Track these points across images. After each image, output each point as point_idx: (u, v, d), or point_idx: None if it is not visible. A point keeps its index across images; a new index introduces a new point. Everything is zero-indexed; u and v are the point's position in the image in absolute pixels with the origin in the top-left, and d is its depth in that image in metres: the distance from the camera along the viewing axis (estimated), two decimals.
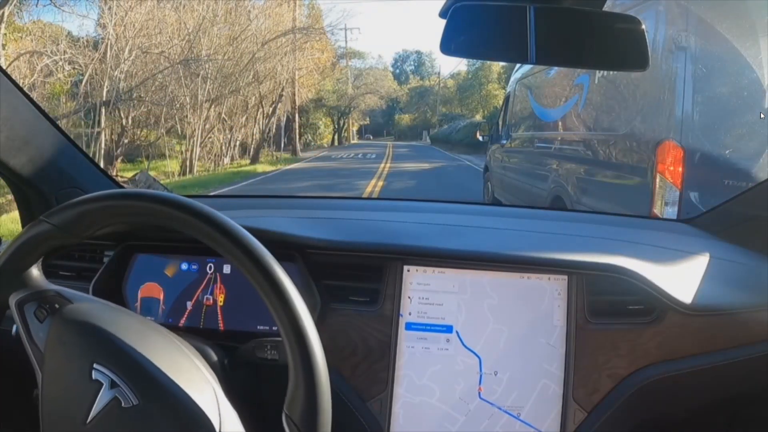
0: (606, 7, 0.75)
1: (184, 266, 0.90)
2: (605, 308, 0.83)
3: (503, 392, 0.82)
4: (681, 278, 0.84)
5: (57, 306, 0.58)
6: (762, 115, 2.39)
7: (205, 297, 0.89)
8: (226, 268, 0.89)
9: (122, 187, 1.41)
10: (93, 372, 0.54)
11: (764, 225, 0.92)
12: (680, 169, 2.44)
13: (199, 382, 0.57)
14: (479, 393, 0.82)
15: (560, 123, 3.90)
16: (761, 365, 0.80)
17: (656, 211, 2.50)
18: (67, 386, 0.55)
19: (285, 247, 0.85)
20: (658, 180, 2.50)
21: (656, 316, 0.82)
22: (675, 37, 2.48)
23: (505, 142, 5.40)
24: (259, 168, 15.02)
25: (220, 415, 0.55)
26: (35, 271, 0.61)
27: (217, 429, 0.54)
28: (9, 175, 0.90)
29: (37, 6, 10.88)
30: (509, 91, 5.49)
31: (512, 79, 5.48)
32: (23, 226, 0.78)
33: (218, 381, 0.60)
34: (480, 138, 6.78)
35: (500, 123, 5.79)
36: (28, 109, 0.87)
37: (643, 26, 0.72)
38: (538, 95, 4.49)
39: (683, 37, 2.45)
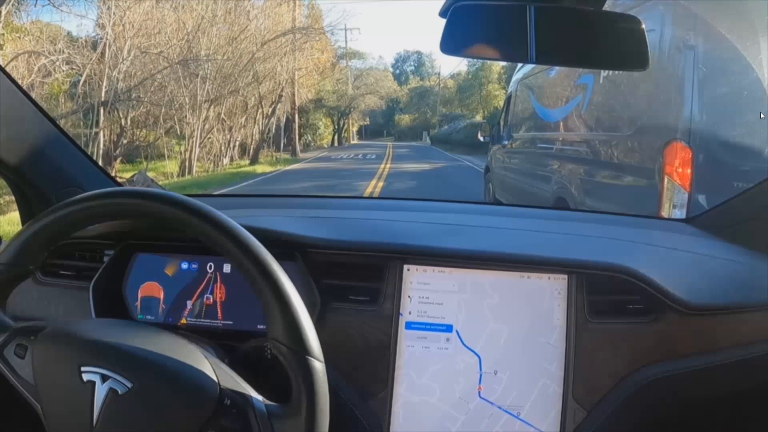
0: (609, 7, 0.75)
1: (185, 265, 0.90)
2: (605, 308, 0.83)
3: (503, 391, 0.82)
4: (681, 278, 0.84)
5: (32, 337, 0.59)
6: (762, 115, 2.35)
7: (205, 296, 0.89)
8: (227, 268, 0.89)
9: (121, 185, 1.41)
10: (83, 375, 0.55)
11: (764, 225, 0.92)
12: (689, 170, 2.37)
13: (186, 349, 0.59)
14: (479, 392, 0.82)
15: (563, 123, 3.85)
16: (761, 365, 0.80)
17: (664, 213, 2.43)
18: (65, 400, 0.56)
19: (285, 246, 0.85)
20: (666, 182, 2.43)
21: (656, 316, 0.82)
22: (682, 36, 2.43)
23: (506, 142, 5.36)
24: (259, 169, 15.01)
25: (216, 374, 0.57)
26: None
27: (216, 383, 0.56)
28: (9, 174, 0.90)
29: (35, 6, 10.87)
30: (511, 91, 5.46)
31: (513, 79, 5.45)
32: (23, 225, 0.78)
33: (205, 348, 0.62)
34: (481, 139, 6.76)
35: (501, 123, 5.75)
36: (28, 109, 0.87)
37: (643, 26, 0.72)
38: (540, 95, 4.45)
39: (691, 36, 2.40)
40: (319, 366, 0.55)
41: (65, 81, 11.84)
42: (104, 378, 0.54)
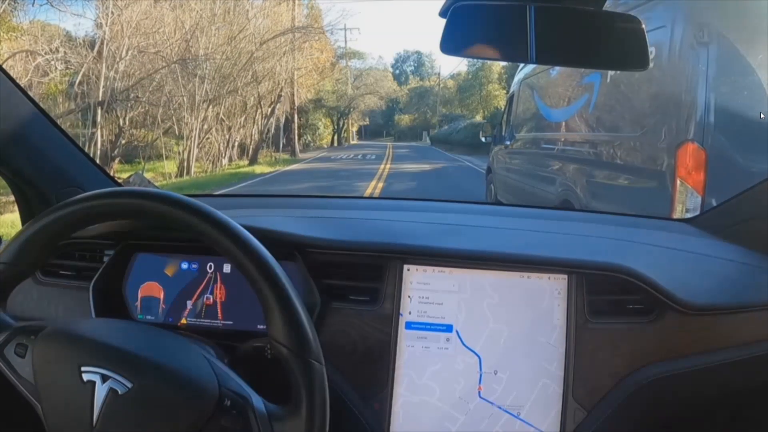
0: (612, 7, 0.75)
1: (185, 265, 0.90)
2: (605, 307, 0.83)
3: (503, 391, 0.82)
4: (681, 277, 0.84)
5: (33, 337, 0.60)
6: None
7: (205, 296, 0.89)
8: (227, 268, 0.89)
9: (120, 185, 1.41)
10: (83, 375, 0.55)
11: (764, 225, 0.92)
12: (702, 173, 2.27)
13: (186, 349, 0.59)
14: (479, 392, 0.82)
15: (569, 124, 3.74)
16: (761, 365, 0.80)
17: (676, 217, 2.31)
18: (65, 400, 0.56)
19: (285, 246, 0.85)
20: (678, 185, 2.34)
21: (656, 316, 0.82)
22: (696, 33, 2.34)
23: (509, 143, 5.27)
24: (258, 169, 14.99)
25: (216, 374, 0.57)
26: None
27: (216, 383, 0.56)
28: (9, 174, 0.90)
29: (33, 5, 10.85)
30: (513, 90, 5.37)
31: (516, 78, 5.34)
32: (23, 225, 0.78)
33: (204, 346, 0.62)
34: (483, 139, 6.70)
35: (503, 123, 5.66)
36: (28, 109, 0.87)
37: (644, 26, 0.72)
38: (544, 95, 4.35)
39: (705, 33, 2.30)
40: (318, 367, 0.55)
41: (62, 81, 11.82)
42: (104, 378, 0.54)
